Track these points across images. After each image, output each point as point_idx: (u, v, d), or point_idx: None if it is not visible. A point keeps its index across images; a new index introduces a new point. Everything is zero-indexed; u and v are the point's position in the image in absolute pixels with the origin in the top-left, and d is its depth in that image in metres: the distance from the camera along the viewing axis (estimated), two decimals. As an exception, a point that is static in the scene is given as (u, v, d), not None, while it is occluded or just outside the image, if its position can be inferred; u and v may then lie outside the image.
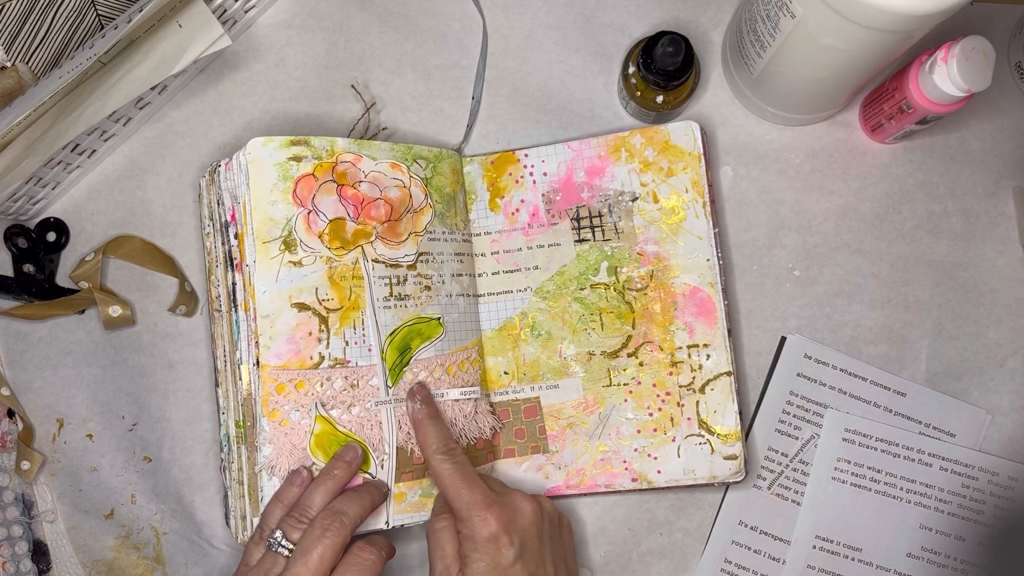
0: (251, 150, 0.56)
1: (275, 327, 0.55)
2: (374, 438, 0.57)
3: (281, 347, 0.55)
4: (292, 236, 0.56)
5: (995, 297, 0.66)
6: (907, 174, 0.67)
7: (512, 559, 0.53)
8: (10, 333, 0.65)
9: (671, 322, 0.63)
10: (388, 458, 0.57)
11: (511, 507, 0.55)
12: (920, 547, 0.64)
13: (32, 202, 0.64)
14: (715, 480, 0.61)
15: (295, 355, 0.56)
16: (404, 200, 0.60)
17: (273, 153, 0.57)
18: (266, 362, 0.55)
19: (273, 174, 0.56)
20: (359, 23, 0.68)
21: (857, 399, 0.65)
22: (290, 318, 0.56)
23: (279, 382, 0.55)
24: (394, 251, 0.59)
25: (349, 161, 0.59)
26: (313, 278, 0.56)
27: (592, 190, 0.64)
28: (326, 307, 0.56)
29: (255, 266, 0.55)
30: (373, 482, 0.56)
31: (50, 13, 0.60)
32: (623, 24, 0.68)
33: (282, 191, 0.56)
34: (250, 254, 0.56)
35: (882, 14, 0.49)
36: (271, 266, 0.56)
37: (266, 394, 0.55)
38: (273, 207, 0.56)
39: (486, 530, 0.53)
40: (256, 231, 0.56)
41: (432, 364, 0.59)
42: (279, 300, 0.56)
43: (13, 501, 0.63)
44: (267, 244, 0.56)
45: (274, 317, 0.55)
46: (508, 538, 0.53)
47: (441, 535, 0.55)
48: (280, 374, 0.55)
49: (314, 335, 0.56)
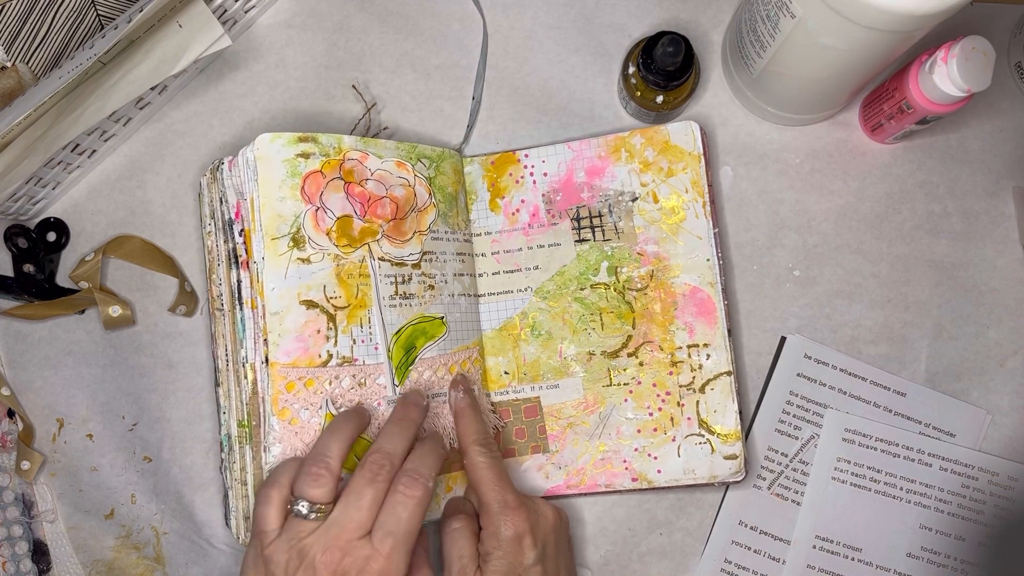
0: (259, 146, 0.56)
1: (284, 324, 0.55)
2: None
3: (290, 344, 0.55)
4: (301, 233, 0.56)
5: (995, 297, 0.66)
6: (907, 174, 0.67)
7: (533, 561, 0.54)
8: (10, 333, 0.65)
9: (671, 322, 0.63)
10: None
11: (536, 511, 0.56)
12: (920, 547, 0.64)
13: (32, 202, 0.64)
14: (715, 480, 0.62)
15: (304, 353, 0.55)
16: (409, 199, 0.60)
17: (281, 149, 0.56)
18: (275, 360, 0.55)
19: (282, 170, 0.56)
20: (359, 23, 0.68)
21: (857, 399, 0.65)
22: (299, 315, 0.55)
23: (288, 380, 0.55)
24: (399, 250, 0.59)
25: (356, 159, 0.59)
26: (321, 275, 0.56)
27: (592, 190, 0.64)
28: (334, 305, 0.56)
29: (264, 263, 0.55)
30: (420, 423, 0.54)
31: (50, 13, 0.60)
32: (623, 24, 0.68)
33: (291, 187, 0.56)
34: (258, 251, 0.55)
35: (882, 14, 0.49)
36: (280, 263, 0.55)
37: (276, 392, 0.55)
38: (282, 203, 0.56)
39: (512, 530, 0.54)
40: (265, 227, 0.55)
41: (436, 363, 0.59)
42: (288, 297, 0.55)
43: (13, 501, 0.63)
44: (276, 241, 0.55)
45: (283, 314, 0.55)
46: (532, 540, 0.54)
47: (458, 535, 0.55)
48: (290, 372, 0.55)
49: (322, 333, 0.56)
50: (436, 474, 0.51)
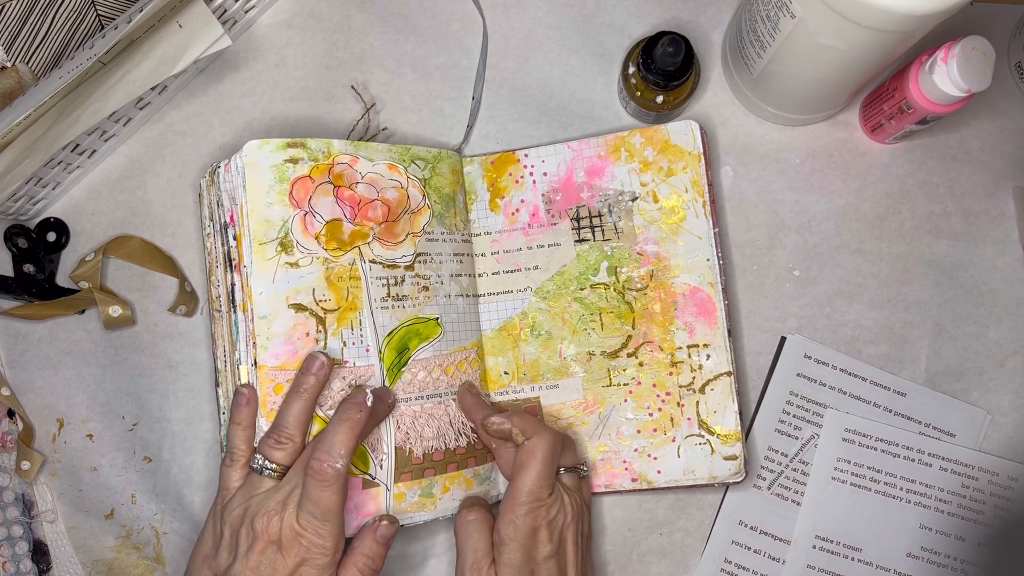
0: (247, 152, 0.56)
1: (272, 328, 0.55)
2: (372, 439, 0.57)
3: (278, 348, 0.55)
4: (288, 238, 0.56)
5: (995, 297, 0.66)
6: (907, 174, 0.67)
7: (548, 554, 0.54)
8: (10, 333, 0.65)
9: (671, 322, 0.63)
10: (387, 458, 0.57)
11: (559, 506, 0.56)
12: (920, 547, 0.64)
13: (32, 202, 0.64)
14: (715, 480, 0.62)
15: (293, 356, 0.56)
16: (402, 201, 0.60)
17: (269, 155, 0.57)
18: (263, 363, 0.55)
19: (269, 176, 0.57)
20: (359, 23, 0.68)
21: (857, 399, 0.65)
22: (287, 319, 0.56)
23: (277, 383, 0.55)
24: (391, 252, 0.59)
25: (345, 163, 0.59)
26: (310, 279, 0.56)
27: (592, 190, 0.64)
28: (323, 308, 0.57)
29: (252, 267, 0.56)
30: (356, 397, 0.54)
31: (50, 13, 0.60)
32: (623, 24, 0.68)
33: (278, 193, 0.56)
34: (247, 255, 0.56)
35: (882, 14, 0.49)
36: (268, 267, 0.56)
37: (264, 395, 0.55)
38: (269, 209, 0.56)
39: (531, 521, 0.54)
40: (253, 233, 0.56)
41: (431, 364, 0.59)
42: (276, 301, 0.56)
43: (13, 501, 0.63)
44: (264, 245, 0.56)
45: (271, 318, 0.55)
46: (548, 533, 0.54)
47: (472, 527, 0.55)
48: (278, 375, 0.55)
49: (311, 336, 0.56)
50: (347, 451, 0.51)
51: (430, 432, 0.58)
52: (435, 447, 0.58)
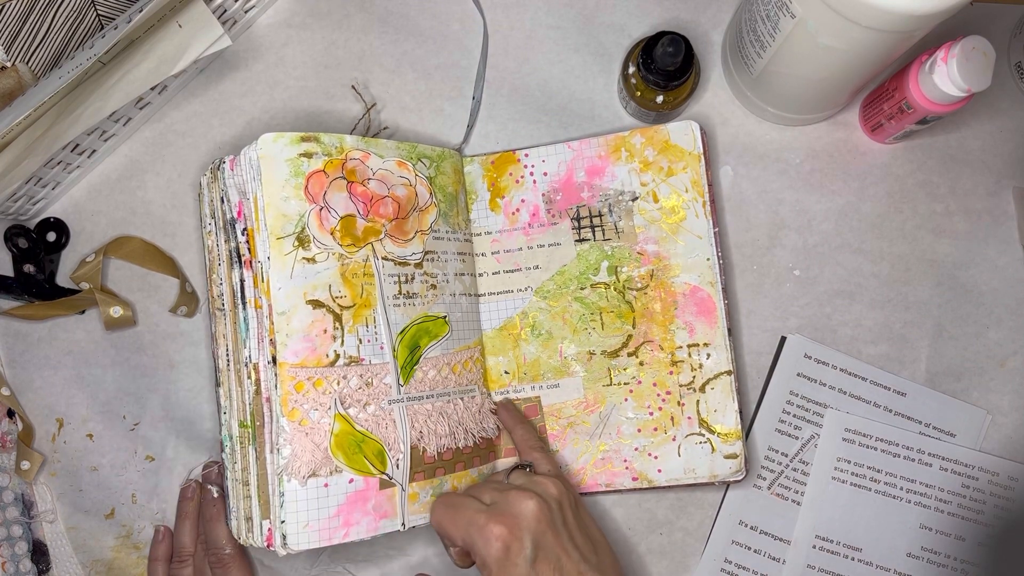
0: (262, 145, 0.56)
1: (291, 324, 0.55)
2: (389, 437, 0.56)
3: (298, 344, 0.55)
4: (305, 232, 0.56)
5: (995, 297, 0.66)
6: (907, 174, 0.67)
7: (528, 562, 0.50)
8: (10, 333, 0.65)
9: (671, 321, 0.63)
10: (403, 457, 0.56)
11: (511, 512, 0.52)
12: (920, 547, 0.64)
13: (32, 202, 0.64)
14: (715, 479, 0.62)
15: (312, 352, 0.55)
16: (411, 198, 0.60)
17: (284, 149, 0.56)
18: (284, 360, 0.54)
19: (285, 170, 0.56)
20: (359, 23, 0.68)
21: (857, 399, 0.65)
22: (305, 315, 0.55)
23: (297, 380, 0.54)
24: (402, 249, 0.59)
25: (358, 158, 0.58)
26: (326, 275, 0.56)
27: (592, 190, 0.64)
28: (340, 304, 0.56)
29: (270, 262, 0.55)
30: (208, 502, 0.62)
31: (50, 13, 0.60)
32: (623, 24, 0.68)
33: (294, 187, 0.56)
34: (263, 250, 0.55)
35: (882, 14, 0.49)
36: (286, 262, 0.55)
37: (285, 393, 0.54)
38: (286, 203, 0.56)
39: (492, 548, 0.51)
40: (270, 227, 0.55)
41: (440, 363, 0.60)
42: (295, 297, 0.55)
43: (13, 501, 0.63)
44: (281, 240, 0.55)
45: (290, 314, 0.55)
46: (518, 544, 0.51)
47: None
48: (298, 372, 0.55)
49: (329, 332, 0.56)
50: (191, 540, 0.62)
51: (443, 430, 0.58)
52: (447, 446, 0.58)
